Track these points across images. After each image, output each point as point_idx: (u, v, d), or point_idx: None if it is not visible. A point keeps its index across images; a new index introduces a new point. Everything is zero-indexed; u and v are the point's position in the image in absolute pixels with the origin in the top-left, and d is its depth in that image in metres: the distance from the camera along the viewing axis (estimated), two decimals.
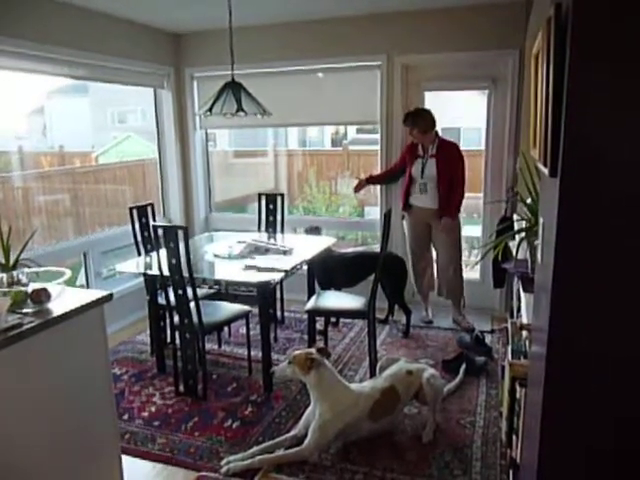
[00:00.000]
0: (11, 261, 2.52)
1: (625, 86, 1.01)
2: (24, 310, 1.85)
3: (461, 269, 4.21)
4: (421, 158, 4.06)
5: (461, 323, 4.18)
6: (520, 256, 2.44)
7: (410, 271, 4.30)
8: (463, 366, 3.34)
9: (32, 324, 1.77)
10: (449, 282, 4.21)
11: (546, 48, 1.18)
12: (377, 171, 4.57)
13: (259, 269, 3.19)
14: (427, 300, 4.38)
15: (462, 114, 5.66)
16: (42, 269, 2.17)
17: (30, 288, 1.94)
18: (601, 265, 1.08)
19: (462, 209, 4.09)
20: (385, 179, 4.44)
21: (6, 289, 1.94)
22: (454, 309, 4.27)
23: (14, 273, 2.05)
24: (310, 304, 3.49)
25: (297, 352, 2.70)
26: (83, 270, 4.24)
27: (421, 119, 3.93)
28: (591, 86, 1.02)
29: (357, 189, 4.45)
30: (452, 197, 3.98)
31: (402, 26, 4.20)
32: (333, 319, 4.18)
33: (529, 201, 2.38)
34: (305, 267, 3.79)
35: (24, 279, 2.04)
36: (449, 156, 3.97)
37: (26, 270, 2.12)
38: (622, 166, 1.03)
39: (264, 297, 3.20)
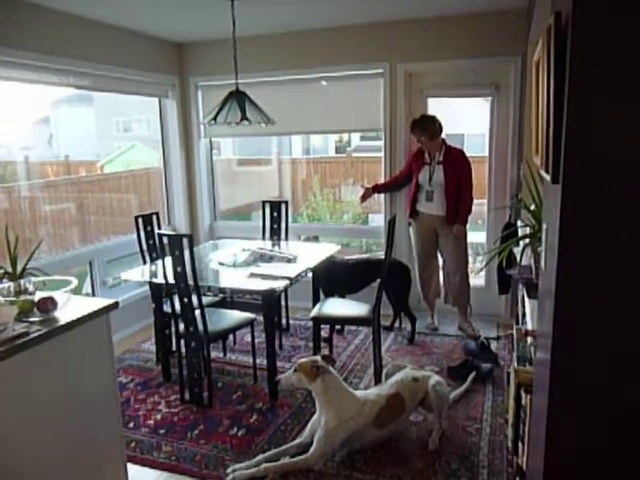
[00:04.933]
0: (18, 270, 2.54)
1: (625, 93, 1.02)
2: (31, 319, 1.87)
3: (468, 276, 4.20)
4: (428, 165, 4.06)
5: (467, 330, 4.16)
6: (524, 262, 2.44)
7: (416, 278, 4.30)
8: (472, 374, 3.32)
9: (39, 332, 1.78)
10: (456, 289, 4.19)
11: (546, 56, 1.19)
12: (381, 178, 4.58)
13: (264, 277, 3.20)
14: (433, 307, 4.37)
15: (465, 121, 5.68)
16: (48, 278, 2.19)
17: (37, 297, 1.95)
18: (604, 270, 1.08)
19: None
20: (391, 187, 4.45)
21: (13, 298, 1.95)
22: (460, 316, 4.25)
23: (21, 282, 2.06)
24: (315, 311, 3.49)
25: (302, 360, 2.70)
26: (89, 278, 4.26)
27: (430, 124, 3.96)
28: (591, 93, 1.03)
29: (363, 199, 4.44)
30: (462, 204, 3.98)
31: (405, 34, 4.22)
32: (338, 326, 4.17)
33: (532, 207, 2.38)
34: (310, 274, 3.80)
35: (31, 288, 2.05)
36: (456, 163, 3.98)
37: (33, 279, 2.13)
38: (623, 172, 1.04)
39: (269, 305, 3.20)
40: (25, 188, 4.03)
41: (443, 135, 4.04)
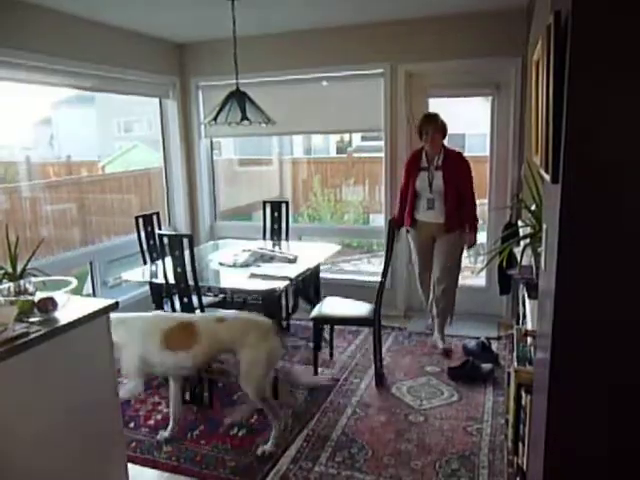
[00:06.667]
0: (18, 270, 2.54)
1: (624, 91, 1.01)
2: (31, 319, 1.87)
3: (456, 286, 3.96)
4: (426, 171, 3.82)
5: (436, 341, 3.95)
6: (525, 262, 2.43)
7: (417, 284, 4.15)
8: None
9: (38, 333, 1.78)
10: (440, 297, 3.92)
11: (546, 55, 1.19)
12: (382, 179, 4.56)
13: (264, 277, 3.20)
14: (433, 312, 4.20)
15: (466, 120, 5.67)
16: (49, 278, 2.19)
17: (37, 297, 1.95)
18: (604, 271, 1.07)
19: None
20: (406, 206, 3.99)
21: (13, 298, 1.95)
22: (438, 326, 3.99)
23: (21, 282, 2.06)
24: (315, 312, 3.49)
25: None
26: (89, 279, 4.27)
27: (443, 121, 3.79)
28: (591, 92, 1.02)
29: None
30: (466, 214, 3.79)
31: (405, 34, 4.22)
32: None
33: (533, 207, 2.38)
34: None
35: (31, 288, 2.05)
36: (456, 167, 3.78)
37: (33, 279, 2.13)
38: (623, 172, 1.03)
39: (269, 305, 3.20)
40: (26, 188, 4.03)
41: None
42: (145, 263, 3.78)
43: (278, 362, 2.68)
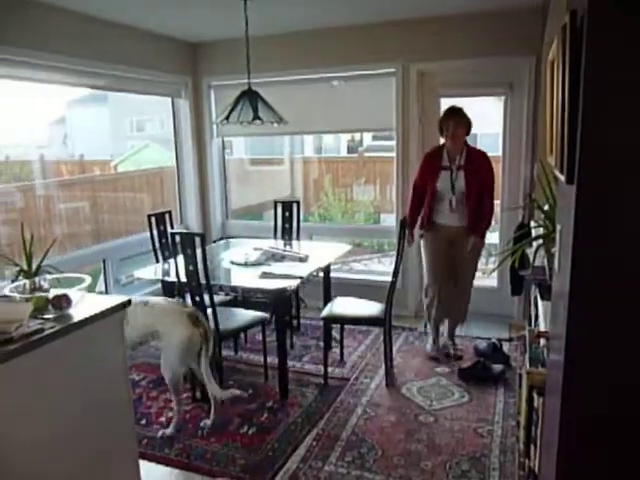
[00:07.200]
0: (33, 268, 2.58)
1: None
2: (45, 316, 1.89)
3: (470, 290, 3.80)
4: (449, 170, 3.59)
5: (449, 348, 3.84)
6: (537, 263, 2.42)
7: (427, 290, 3.86)
8: None
9: (53, 329, 1.80)
10: (457, 302, 3.80)
11: (562, 54, 1.18)
12: (394, 178, 4.55)
13: (275, 276, 3.21)
14: (439, 330, 3.96)
15: (479, 120, 5.63)
16: (63, 275, 2.21)
17: (51, 294, 1.97)
18: (618, 272, 1.06)
19: None
20: (420, 208, 3.77)
21: (28, 295, 1.98)
22: (449, 332, 3.91)
23: (36, 279, 2.09)
24: (326, 311, 3.49)
25: None
26: (102, 276, 4.30)
27: (468, 117, 3.56)
28: (607, 92, 1.02)
29: (411, 239, 3.84)
30: (483, 214, 3.55)
31: (417, 33, 4.20)
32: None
33: (546, 207, 2.36)
34: (321, 274, 3.79)
35: (45, 285, 2.08)
36: (479, 167, 3.53)
37: (47, 277, 2.16)
38: (639, 172, 1.02)
39: (280, 304, 3.21)
40: (40, 187, 4.08)
41: None
42: (157, 261, 3.81)
43: (194, 350, 2.78)
